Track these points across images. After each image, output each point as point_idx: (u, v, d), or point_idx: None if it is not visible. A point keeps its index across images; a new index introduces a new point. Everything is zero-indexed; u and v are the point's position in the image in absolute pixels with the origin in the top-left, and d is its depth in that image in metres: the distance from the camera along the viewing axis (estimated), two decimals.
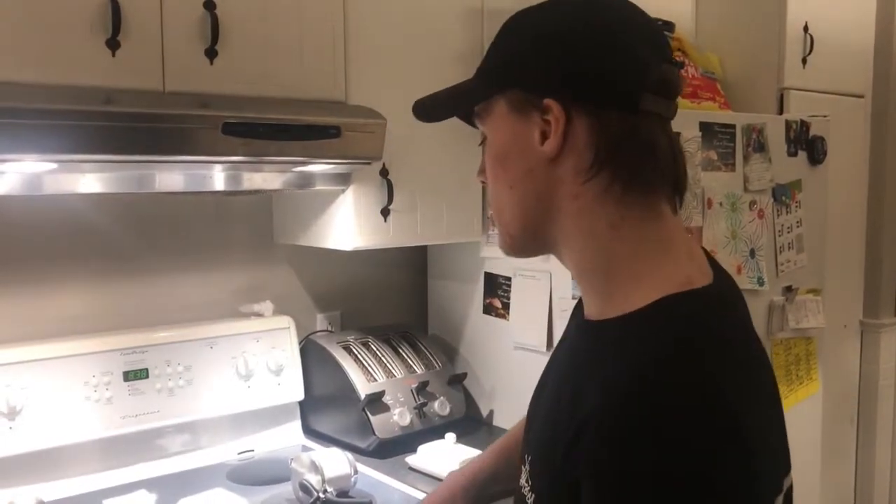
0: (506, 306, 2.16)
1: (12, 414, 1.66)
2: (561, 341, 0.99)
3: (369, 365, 2.04)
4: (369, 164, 1.85)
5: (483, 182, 0.90)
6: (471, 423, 2.23)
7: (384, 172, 1.94)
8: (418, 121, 0.92)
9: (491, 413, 2.25)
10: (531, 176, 0.83)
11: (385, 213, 1.98)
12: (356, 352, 2.08)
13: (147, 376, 1.84)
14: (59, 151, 1.33)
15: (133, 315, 1.94)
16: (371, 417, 1.93)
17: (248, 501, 1.61)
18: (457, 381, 2.21)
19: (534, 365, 2.09)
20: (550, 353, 1.00)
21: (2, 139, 1.24)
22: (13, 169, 1.47)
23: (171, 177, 1.79)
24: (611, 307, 0.81)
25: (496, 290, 2.18)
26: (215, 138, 1.47)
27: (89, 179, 1.67)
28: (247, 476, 1.83)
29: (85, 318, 1.87)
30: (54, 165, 1.48)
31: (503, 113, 0.84)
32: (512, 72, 0.83)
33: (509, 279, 2.14)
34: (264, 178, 1.88)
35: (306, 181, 1.91)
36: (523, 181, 0.84)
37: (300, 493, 1.67)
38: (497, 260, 2.16)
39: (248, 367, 1.98)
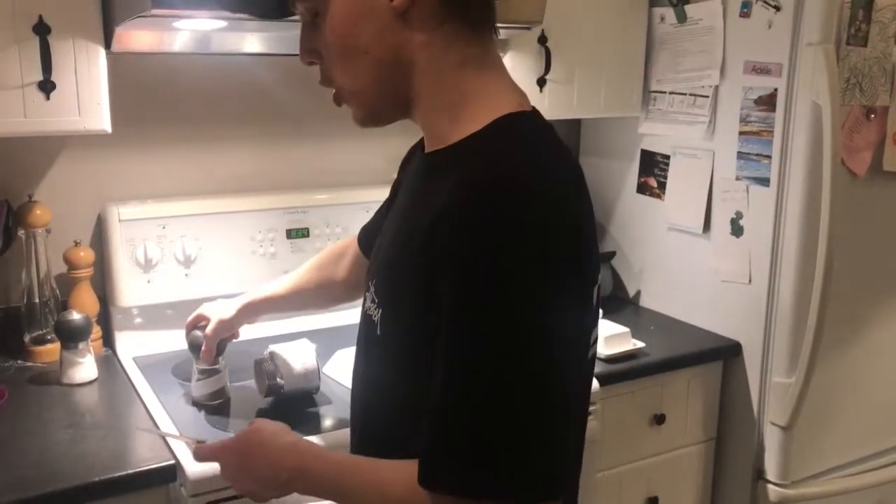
0: (661, 186, 2.09)
1: (188, 262, 1.80)
2: (401, 177, 1.06)
3: None
4: (529, 29, 1.80)
5: (312, 63, 0.92)
6: (616, 302, 2.22)
7: (542, 40, 1.89)
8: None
9: (638, 294, 2.22)
10: (383, 35, 0.84)
11: (541, 83, 1.93)
12: None
13: (308, 235, 1.93)
14: (227, 9, 1.36)
15: (295, 176, 2.02)
16: None
17: None
18: (605, 259, 2.18)
19: (688, 247, 2.04)
20: (706, 234, 0.99)
21: None
22: (186, 26, 1.53)
23: None
24: (454, 136, 0.85)
25: (652, 169, 2.11)
26: None
27: (255, 39, 1.72)
28: None
29: (252, 177, 1.97)
30: (224, 24, 1.52)
31: None
32: None
33: (667, 157, 2.06)
34: None
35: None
36: (376, 43, 0.84)
37: None
38: (655, 137, 2.08)
39: None
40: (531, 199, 0.77)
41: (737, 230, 1.89)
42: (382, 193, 2.02)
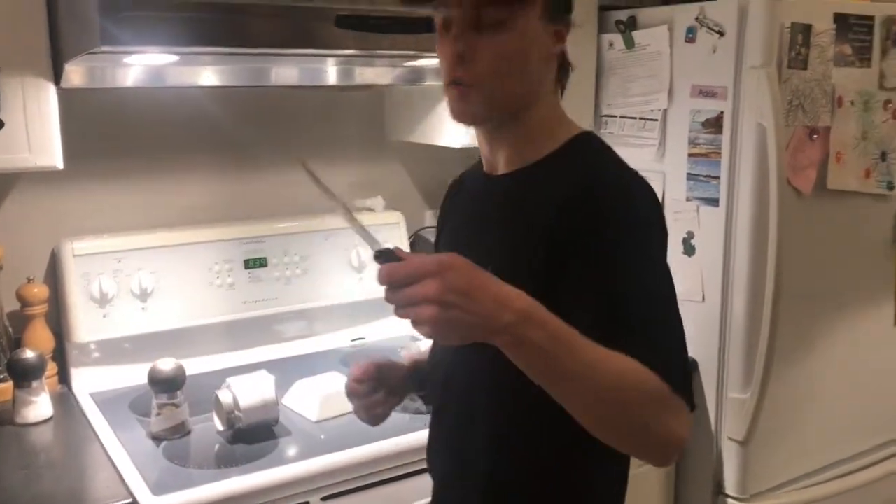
0: None
1: (144, 296, 1.79)
2: (453, 205, 1.27)
3: None
4: None
5: (461, 59, 1.04)
6: None
7: None
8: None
9: None
10: (537, 67, 1.07)
11: None
12: None
13: (266, 265, 1.93)
14: (179, 44, 1.37)
15: (252, 206, 2.02)
16: None
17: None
18: None
19: None
20: None
21: (125, 32, 1.28)
22: (138, 61, 1.54)
23: (286, 71, 1.83)
24: (533, 156, 1.08)
25: None
26: (328, 31, 1.47)
27: (209, 72, 1.73)
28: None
29: (208, 208, 1.96)
30: (176, 58, 1.52)
31: (536, 15, 1.05)
32: None
33: None
34: (376, 73, 1.89)
35: (417, 76, 1.91)
36: (531, 70, 1.06)
37: None
38: None
39: (360, 260, 2.05)
40: (646, 186, 1.04)
41: (689, 249, 1.93)
42: (340, 221, 2.03)
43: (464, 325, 0.85)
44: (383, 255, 0.89)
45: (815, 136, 1.86)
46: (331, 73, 1.88)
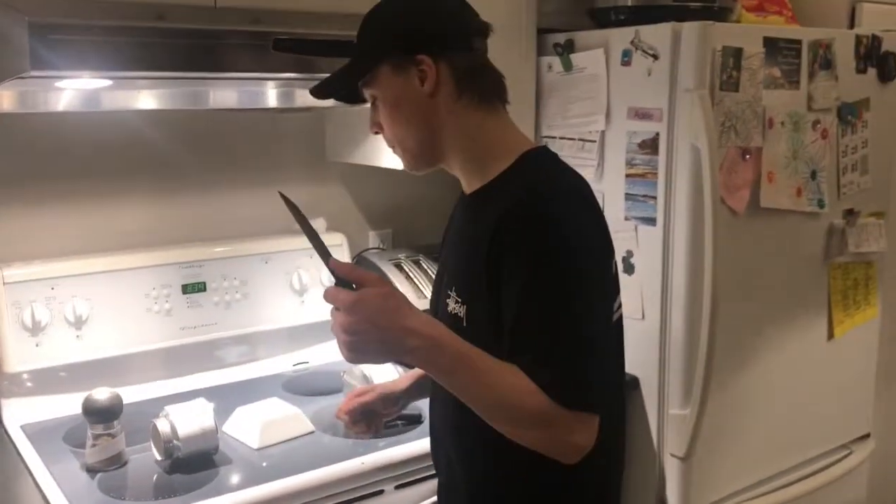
0: None
1: (79, 323, 1.74)
2: (449, 226, 1.38)
3: (420, 282, 2.07)
4: None
5: (377, 132, 1.26)
6: None
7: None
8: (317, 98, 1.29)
9: None
10: (420, 109, 1.19)
11: None
12: (407, 269, 2.10)
13: (205, 289, 1.90)
14: (112, 68, 1.35)
15: (190, 230, 1.99)
16: None
17: (303, 411, 1.67)
18: None
19: None
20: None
21: (56, 56, 1.26)
22: (70, 85, 1.50)
23: (224, 94, 1.81)
24: (489, 176, 1.21)
25: None
26: (266, 54, 1.46)
27: (146, 96, 1.70)
28: (301, 386, 1.89)
29: (144, 233, 1.93)
30: (109, 82, 1.50)
31: (388, 74, 1.19)
32: (388, 44, 1.19)
33: None
34: None
35: (357, 97, 1.91)
36: (416, 115, 1.20)
37: None
38: None
39: (301, 283, 2.03)
40: (571, 199, 1.14)
41: (628, 268, 1.96)
42: (280, 243, 2.04)
43: (370, 350, 1.05)
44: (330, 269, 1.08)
45: (747, 156, 1.91)
46: (270, 96, 1.87)
